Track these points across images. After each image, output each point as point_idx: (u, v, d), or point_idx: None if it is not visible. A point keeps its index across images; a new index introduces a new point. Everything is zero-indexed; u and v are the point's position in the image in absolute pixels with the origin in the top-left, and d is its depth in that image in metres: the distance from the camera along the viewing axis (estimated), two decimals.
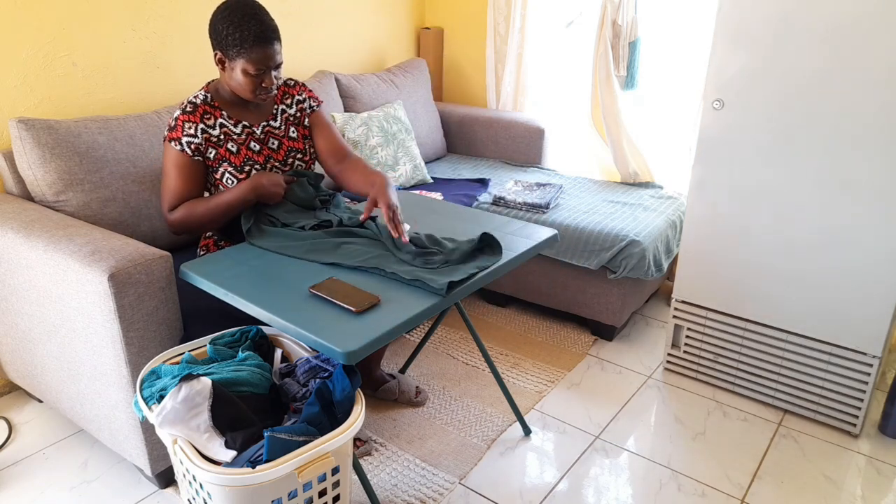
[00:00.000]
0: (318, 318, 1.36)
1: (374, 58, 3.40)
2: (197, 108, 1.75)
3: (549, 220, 2.58)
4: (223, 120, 1.78)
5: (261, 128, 1.84)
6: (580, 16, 3.13)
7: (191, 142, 1.72)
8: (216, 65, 1.73)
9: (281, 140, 1.88)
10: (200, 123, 1.74)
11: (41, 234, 1.74)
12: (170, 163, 1.74)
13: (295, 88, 1.94)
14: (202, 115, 1.75)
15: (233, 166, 1.78)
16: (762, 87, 1.97)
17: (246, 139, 1.81)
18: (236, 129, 1.80)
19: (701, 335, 2.32)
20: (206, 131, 1.75)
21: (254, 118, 1.84)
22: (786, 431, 2.14)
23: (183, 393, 1.30)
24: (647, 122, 2.99)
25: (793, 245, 2.04)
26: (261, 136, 1.84)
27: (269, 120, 1.87)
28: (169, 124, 1.74)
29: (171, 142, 1.73)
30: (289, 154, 1.89)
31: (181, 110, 1.74)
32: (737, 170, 2.08)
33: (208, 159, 1.76)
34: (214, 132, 1.76)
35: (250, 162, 1.80)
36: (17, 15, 2.03)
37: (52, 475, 1.90)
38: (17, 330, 1.95)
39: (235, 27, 1.63)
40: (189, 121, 1.73)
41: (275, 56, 1.69)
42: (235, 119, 1.80)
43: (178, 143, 1.72)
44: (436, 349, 2.54)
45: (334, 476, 1.36)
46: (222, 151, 1.77)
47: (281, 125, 1.88)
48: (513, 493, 1.86)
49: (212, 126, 1.75)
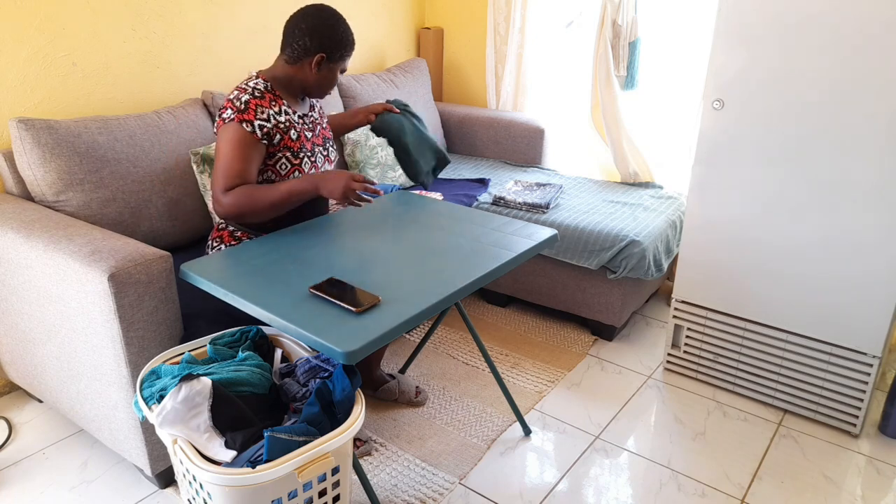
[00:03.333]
0: (318, 318, 1.36)
1: (374, 58, 3.40)
2: (264, 94, 1.78)
3: (549, 220, 2.58)
4: (286, 108, 1.83)
5: (308, 118, 1.92)
6: (580, 16, 3.13)
7: (263, 125, 1.74)
8: (309, 66, 1.79)
9: (321, 127, 1.98)
10: (270, 109, 1.77)
11: (41, 234, 1.74)
12: (234, 142, 1.71)
13: None
14: (270, 101, 1.78)
15: (291, 151, 1.82)
16: (762, 87, 1.97)
17: (301, 128, 1.87)
18: (295, 116, 1.85)
19: (701, 335, 2.32)
20: (275, 117, 1.78)
21: (303, 109, 1.92)
22: (786, 431, 2.14)
23: (183, 393, 1.30)
24: (647, 122, 2.99)
25: (793, 245, 2.04)
26: (309, 124, 1.91)
27: (310, 111, 1.95)
28: (235, 107, 1.72)
29: (242, 123, 1.71)
30: (325, 140, 1.98)
31: (249, 95, 1.74)
32: (737, 170, 2.08)
33: (272, 145, 1.78)
34: (281, 118, 1.80)
35: (304, 149, 1.86)
36: (17, 15, 2.03)
37: (52, 475, 1.90)
38: (17, 330, 1.95)
39: (345, 32, 1.79)
40: (261, 105, 1.75)
41: None
42: (293, 109, 1.86)
43: (250, 125, 1.72)
44: (436, 349, 2.54)
45: (334, 476, 1.36)
46: (286, 139, 1.80)
47: (317, 115, 1.98)
48: (513, 493, 1.86)
49: (278, 113, 1.80)
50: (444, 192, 2.78)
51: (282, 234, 1.78)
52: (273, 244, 1.71)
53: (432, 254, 1.67)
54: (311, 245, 1.71)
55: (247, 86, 1.78)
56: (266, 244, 1.71)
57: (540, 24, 3.20)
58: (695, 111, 2.76)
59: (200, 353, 1.54)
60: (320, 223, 1.87)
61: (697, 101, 2.73)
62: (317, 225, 1.86)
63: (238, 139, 1.71)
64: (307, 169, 1.85)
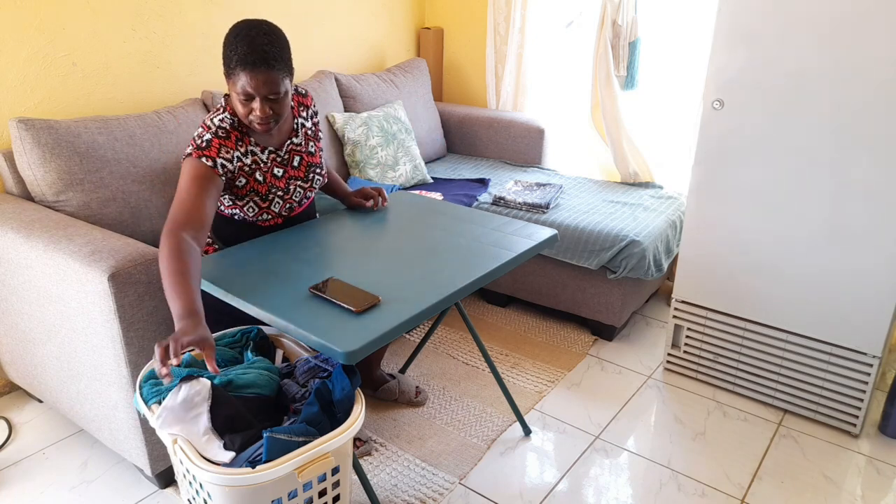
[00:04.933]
0: (318, 318, 1.36)
1: (374, 58, 3.40)
2: (229, 133, 1.65)
3: (549, 220, 2.58)
4: (252, 147, 1.70)
5: (285, 148, 1.78)
6: (580, 16, 3.13)
7: (225, 165, 1.62)
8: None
9: (302, 156, 1.82)
10: (236, 151, 1.65)
11: (41, 234, 1.74)
12: (192, 177, 1.57)
13: (307, 99, 1.88)
14: (236, 141, 1.66)
15: (259, 195, 1.73)
16: (762, 87, 1.97)
17: (270, 166, 1.74)
18: (263, 155, 1.73)
19: (701, 335, 2.32)
20: (241, 159, 1.67)
21: (276, 141, 1.77)
22: (786, 431, 2.14)
23: (182, 393, 1.30)
24: (647, 122, 2.99)
25: (793, 245, 2.04)
26: (285, 157, 1.77)
27: (291, 137, 1.80)
28: (196, 144, 1.61)
29: (202, 158, 1.59)
30: (309, 170, 1.83)
31: (212, 134, 1.62)
32: (737, 170, 2.08)
33: (236, 187, 1.69)
34: (247, 161, 1.69)
35: (274, 189, 1.75)
36: (17, 15, 2.03)
37: (52, 475, 1.90)
38: (17, 330, 1.95)
39: (230, 44, 1.54)
40: (225, 146, 1.63)
41: (262, 86, 1.54)
42: (262, 146, 1.73)
43: (211, 160, 1.60)
44: (436, 349, 2.54)
45: (334, 476, 1.36)
46: (251, 182, 1.70)
47: (301, 140, 1.82)
48: (513, 493, 1.86)
49: (244, 154, 1.68)
50: (444, 192, 2.78)
51: (282, 235, 1.78)
52: (273, 244, 1.71)
53: (432, 254, 1.67)
54: (311, 245, 1.71)
55: (212, 123, 1.65)
56: (266, 244, 1.71)
57: (540, 24, 3.20)
58: (695, 111, 2.76)
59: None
60: (320, 223, 1.87)
61: (697, 101, 2.73)
62: (317, 225, 1.86)
63: (195, 173, 1.57)
64: (277, 210, 1.77)
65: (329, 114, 2.82)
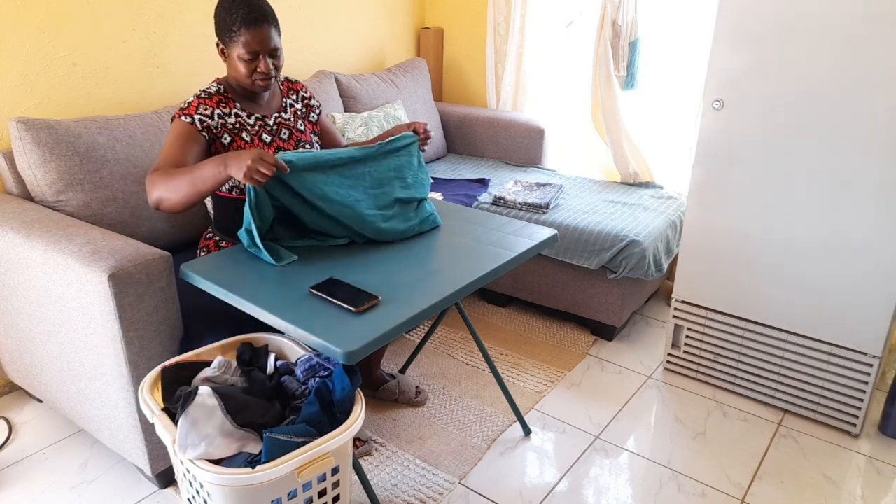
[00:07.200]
0: (318, 318, 1.36)
1: (374, 58, 3.40)
2: (212, 96, 1.76)
3: (549, 220, 2.58)
4: (237, 111, 1.79)
5: (273, 119, 1.86)
6: (580, 16, 3.13)
7: (203, 119, 1.72)
8: (220, 56, 1.76)
9: (291, 130, 1.90)
10: (217, 109, 1.75)
11: (41, 234, 1.74)
12: (173, 134, 1.70)
13: (297, 85, 1.99)
14: (218, 102, 1.76)
15: None
16: (762, 87, 1.97)
17: (258, 131, 1.82)
18: (250, 120, 1.81)
19: (701, 335, 2.32)
20: (223, 117, 1.76)
21: (265, 111, 1.86)
22: (786, 431, 2.14)
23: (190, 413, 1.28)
24: (647, 122, 2.99)
25: (793, 245, 2.04)
26: (273, 127, 1.86)
27: (280, 112, 1.89)
28: (181, 107, 1.73)
29: (182, 117, 1.71)
30: (298, 144, 1.91)
31: (195, 97, 1.74)
32: (737, 170, 2.08)
33: (223, 144, 1.76)
34: (230, 120, 1.77)
35: None
36: (17, 15, 2.03)
37: (52, 475, 1.90)
38: (17, 330, 1.95)
39: (227, 11, 1.67)
40: (205, 104, 1.74)
41: (266, 40, 1.69)
42: (248, 111, 1.82)
43: (189, 118, 1.71)
44: (436, 349, 2.54)
45: (334, 476, 1.36)
46: (238, 140, 1.78)
47: (290, 117, 1.91)
48: (513, 493, 1.86)
49: (227, 114, 1.77)
50: (444, 192, 2.78)
51: None
52: None
53: (432, 254, 1.67)
54: (312, 245, 1.71)
55: (200, 90, 1.78)
56: None
57: (540, 24, 3.21)
58: (695, 111, 2.76)
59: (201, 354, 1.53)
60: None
61: (697, 101, 2.73)
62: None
63: (176, 131, 1.70)
64: None
65: (329, 114, 2.82)
